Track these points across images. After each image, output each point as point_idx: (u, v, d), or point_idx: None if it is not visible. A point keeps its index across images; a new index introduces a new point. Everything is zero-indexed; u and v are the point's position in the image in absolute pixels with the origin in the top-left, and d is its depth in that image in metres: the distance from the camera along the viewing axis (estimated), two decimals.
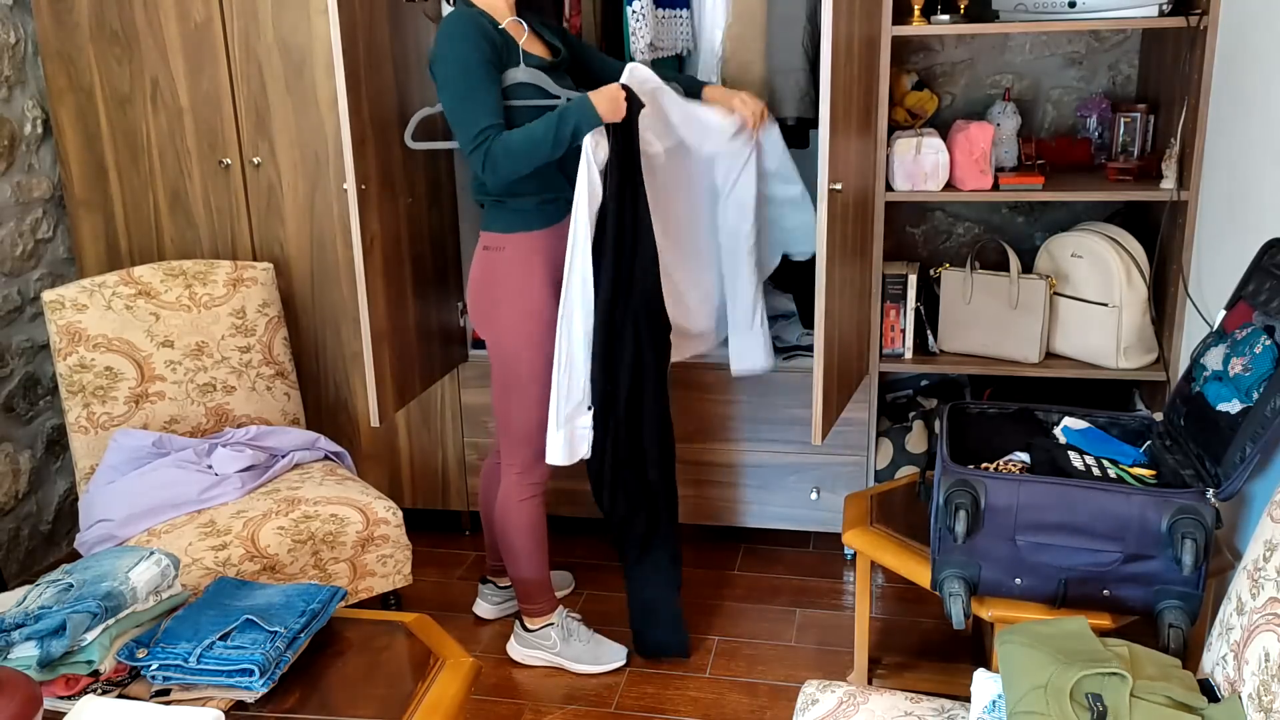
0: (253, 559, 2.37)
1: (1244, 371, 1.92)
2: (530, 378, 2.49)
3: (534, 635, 2.68)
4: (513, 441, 2.56)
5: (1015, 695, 1.53)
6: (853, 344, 2.73)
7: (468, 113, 2.28)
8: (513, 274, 2.45)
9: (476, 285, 2.51)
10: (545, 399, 2.48)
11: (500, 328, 2.48)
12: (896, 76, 3.06)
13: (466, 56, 2.27)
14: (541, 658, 2.69)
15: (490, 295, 2.48)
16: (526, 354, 2.48)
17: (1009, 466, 2.07)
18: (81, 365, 2.69)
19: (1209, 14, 2.52)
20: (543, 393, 2.48)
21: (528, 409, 2.51)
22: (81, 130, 3.09)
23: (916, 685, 2.46)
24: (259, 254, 3.10)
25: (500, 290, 2.46)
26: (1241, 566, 1.61)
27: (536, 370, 2.48)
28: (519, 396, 2.51)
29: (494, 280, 2.46)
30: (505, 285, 2.46)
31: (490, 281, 2.47)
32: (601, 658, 2.67)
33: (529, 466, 2.56)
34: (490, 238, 2.46)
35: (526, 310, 2.46)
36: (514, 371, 2.50)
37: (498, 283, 2.46)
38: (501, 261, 2.45)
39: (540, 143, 2.29)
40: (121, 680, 1.81)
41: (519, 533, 2.59)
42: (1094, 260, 2.77)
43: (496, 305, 2.47)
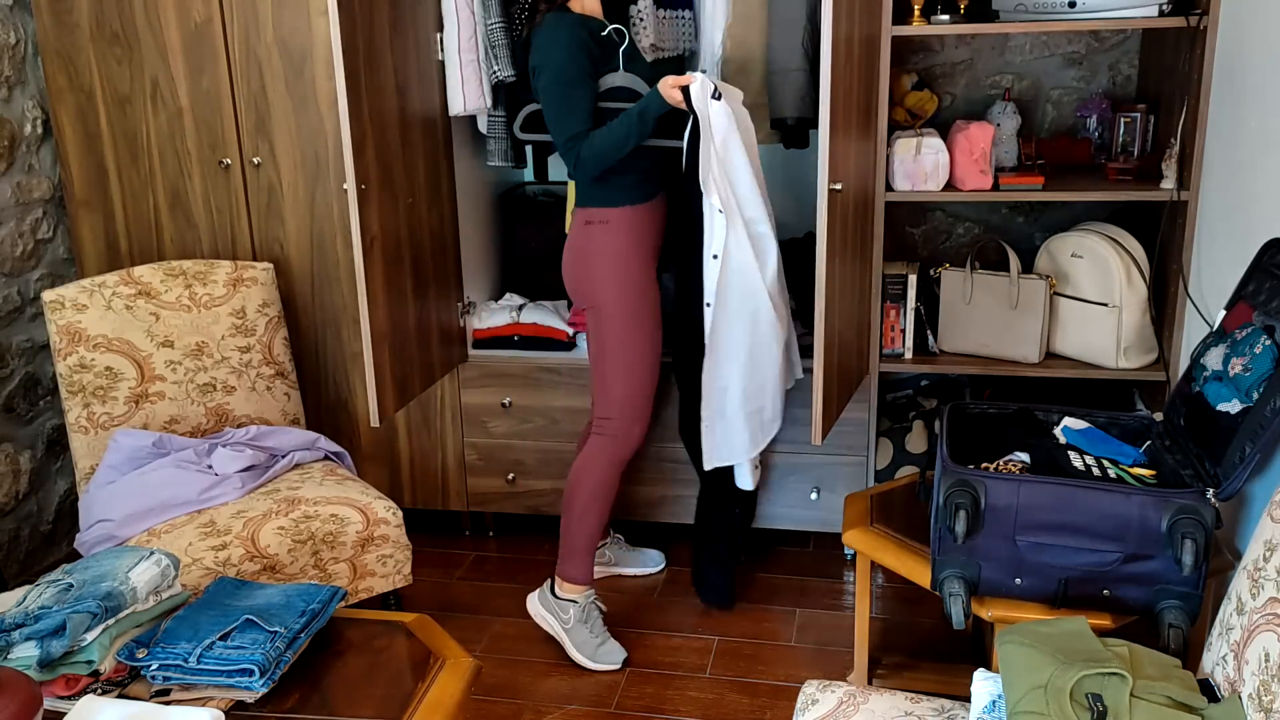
0: (253, 559, 2.37)
1: (1244, 371, 1.92)
2: (627, 344, 2.61)
3: (557, 601, 2.71)
4: (610, 403, 2.65)
5: (1015, 695, 1.53)
6: (853, 344, 2.73)
7: (560, 121, 2.48)
8: (617, 246, 2.58)
9: (579, 255, 2.61)
10: (638, 369, 2.63)
11: (603, 295, 2.59)
12: (896, 76, 3.05)
13: (563, 68, 2.45)
14: (550, 625, 2.72)
15: (593, 264, 2.59)
16: (623, 322, 2.59)
17: (1009, 466, 2.07)
18: (81, 365, 2.69)
19: (1209, 14, 2.52)
20: (637, 361, 2.62)
21: (623, 377, 2.63)
22: (81, 130, 3.09)
23: (916, 685, 2.46)
24: (259, 254, 3.10)
25: (604, 259, 2.58)
26: (1241, 566, 1.61)
27: (633, 338, 2.61)
28: (615, 363, 2.62)
29: (598, 250, 2.58)
30: (609, 255, 2.58)
31: (594, 250, 2.59)
32: (601, 656, 2.68)
33: (626, 430, 2.65)
34: (592, 212, 2.58)
35: (626, 280, 2.59)
36: (613, 337, 2.61)
37: (602, 252, 2.58)
38: (606, 233, 2.58)
39: (623, 139, 2.47)
40: (121, 680, 1.81)
41: (591, 492, 2.65)
42: (1094, 260, 2.77)
43: (600, 273, 2.59)
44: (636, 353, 2.62)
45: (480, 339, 3.16)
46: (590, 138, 2.47)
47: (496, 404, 3.18)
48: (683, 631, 2.84)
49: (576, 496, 2.67)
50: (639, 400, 2.66)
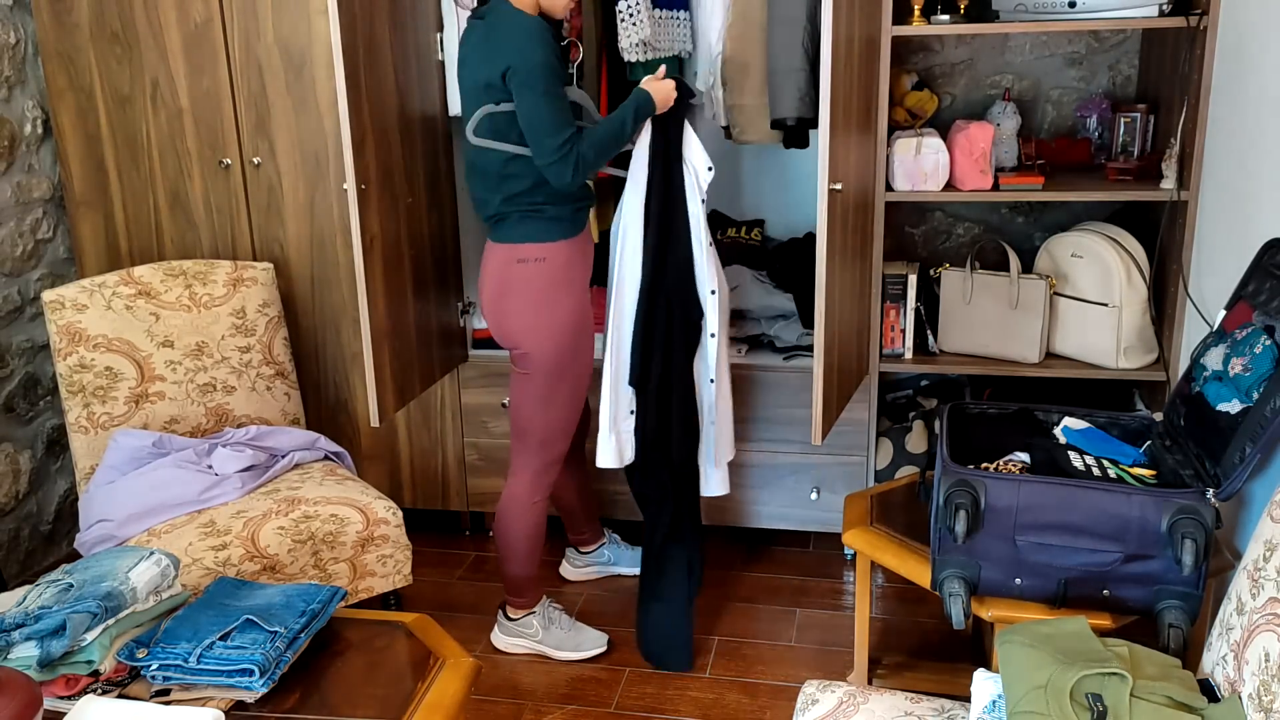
0: (253, 559, 2.37)
1: (1244, 371, 1.92)
2: (569, 381, 2.54)
3: (516, 624, 2.73)
4: (535, 446, 2.59)
5: (1015, 695, 1.53)
6: (853, 344, 2.73)
7: (553, 118, 2.30)
8: (556, 283, 2.47)
9: (515, 298, 2.47)
10: (576, 404, 2.58)
11: (542, 338, 2.47)
12: (896, 76, 3.05)
13: (549, 62, 2.30)
14: (524, 645, 2.73)
15: (532, 306, 2.46)
16: (568, 359, 2.52)
17: (1009, 466, 2.07)
18: (81, 365, 2.69)
19: (1209, 14, 2.52)
20: (573, 397, 2.56)
21: (560, 413, 2.56)
22: (81, 130, 3.09)
23: (916, 685, 2.46)
24: (259, 254, 3.10)
25: (543, 300, 2.47)
26: (1241, 566, 1.61)
27: (575, 375, 2.55)
28: (554, 402, 2.54)
29: (535, 291, 2.46)
30: (549, 295, 2.47)
31: (530, 292, 2.46)
32: (583, 644, 2.71)
33: (545, 470, 2.61)
34: (527, 249, 2.44)
35: (569, 318, 2.49)
36: (555, 377, 2.51)
37: (540, 293, 2.46)
38: (543, 272, 2.45)
39: (617, 137, 2.39)
40: (121, 680, 1.81)
41: (524, 535, 2.63)
42: (1094, 260, 2.77)
43: (539, 316, 2.47)
44: (566, 394, 2.55)
45: (480, 339, 3.16)
46: (584, 138, 2.35)
47: (496, 404, 3.18)
48: None
49: (513, 541, 2.63)
50: (563, 439, 2.61)
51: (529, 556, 2.65)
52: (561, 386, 2.54)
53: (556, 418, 2.57)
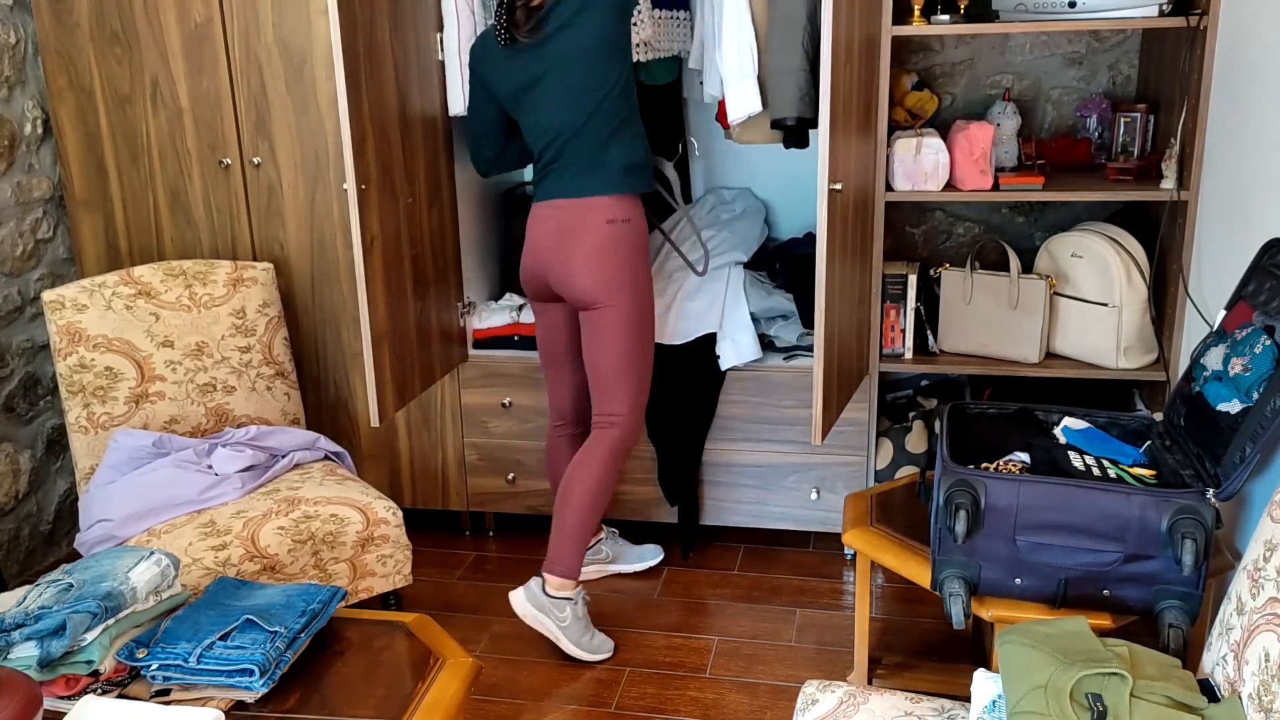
0: (253, 559, 2.37)
1: (1244, 371, 1.92)
2: (645, 342, 2.66)
3: (551, 602, 2.65)
4: (637, 385, 2.67)
5: (1015, 695, 1.53)
6: (853, 344, 2.73)
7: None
8: (641, 239, 2.62)
9: (606, 256, 2.57)
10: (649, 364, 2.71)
11: (633, 291, 2.60)
12: (896, 76, 3.06)
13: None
14: (543, 624, 2.65)
15: (623, 262, 2.58)
16: (643, 320, 2.64)
17: (1009, 466, 2.07)
18: (81, 365, 2.69)
19: (1209, 14, 2.52)
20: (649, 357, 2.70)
21: (638, 374, 2.67)
22: (81, 130, 3.09)
23: (916, 685, 2.46)
24: (259, 254, 3.10)
25: (633, 257, 2.60)
26: (1241, 566, 1.61)
27: (648, 335, 2.68)
28: (633, 361, 2.64)
29: (630, 250, 2.59)
30: (638, 250, 2.61)
31: (623, 248, 2.58)
32: (595, 648, 2.70)
33: (634, 426, 2.69)
34: (620, 207, 2.58)
35: (648, 274, 2.66)
36: (633, 336, 2.63)
37: (631, 249, 2.60)
38: (631, 232, 2.59)
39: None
40: (121, 680, 1.81)
41: (599, 488, 2.65)
42: (1094, 260, 2.77)
43: (632, 270, 2.60)
44: (649, 349, 2.68)
45: (480, 339, 3.16)
46: None
47: (496, 404, 3.18)
48: (682, 631, 2.84)
49: (582, 492, 2.64)
50: (646, 394, 2.71)
51: (595, 515, 2.66)
52: (642, 334, 2.65)
53: (645, 363, 2.67)
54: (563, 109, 2.54)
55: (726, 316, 3.00)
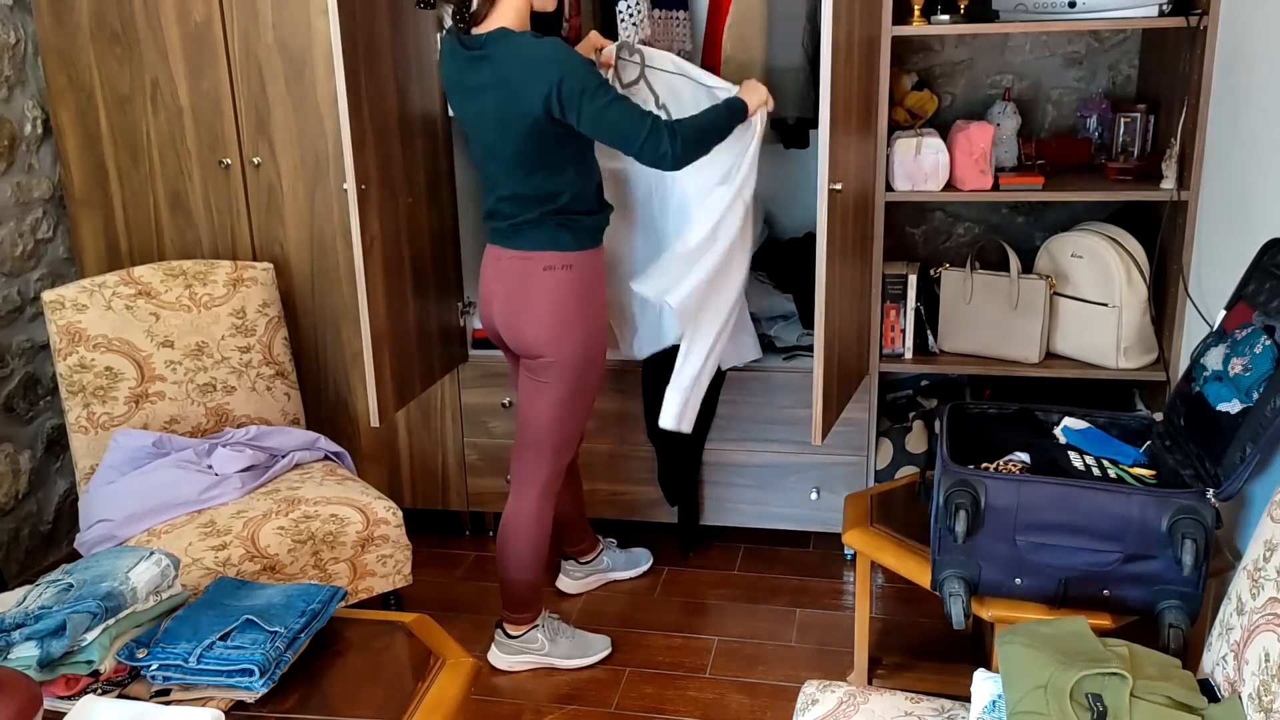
0: (253, 559, 2.37)
1: (1244, 371, 1.92)
2: (588, 390, 2.53)
3: (519, 641, 2.67)
4: (550, 455, 2.54)
5: (1015, 695, 1.53)
6: (853, 344, 2.73)
7: (626, 107, 2.24)
8: (587, 291, 2.46)
9: (540, 306, 2.42)
10: (589, 411, 2.59)
11: (574, 344, 2.45)
12: (896, 76, 3.06)
13: (590, 64, 2.27)
14: (529, 661, 2.68)
15: (559, 315, 2.43)
16: (591, 368, 2.50)
17: (1009, 466, 2.07)
18: (81, 365, 2.69)
19: (1209, 14, 2.52)
20: (589, 404, 2.57)
21: (578, 421, 2.56)
22: (81, 130, 3.09)
23: (916, 685, 2.46)
24: (259, 254, 3.10)
25: (576, 308, 2.44)
26: (1241, 566, 1.61)
27: (593, 383, 2.54)
28: (574, 409, 2.52)
29: (569, 299, 2.43)
30: (581, 302, 2.45)
31: (564, 300, 2.43)
32: (590, 650, 2.70)
33: (555, 478, 2.59)
34: (557, 257, 2.40)
35: (597, 326, 2.49)
36: (577, 387, 2.49)
37: (573, 301, 2.44)
38: (574, 280, 2.43)
39: (716, 127, 2.37)
40: (121, 680, 1.81)
41: (535, 544, 2.59)
42: (1094, 260, 2.77)
43: (572, 323, 2.44)
44: (584, 403, 2.54)
45: (480, 339, 3.16)
46: (681, 122, 2.30)
47: (496, 404, 3.18)
48: (683, 631, 2.84)
49: (524, 549, 2.58)
50: (574, 446, 2.62)
51: (536, 569, 2.61)
52: (580, 396, 2.51)
53: (574, 426, 2.55)
54: (498, 169, 2.39)
55: None
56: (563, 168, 2.36)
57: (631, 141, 2.25)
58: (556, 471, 2.58)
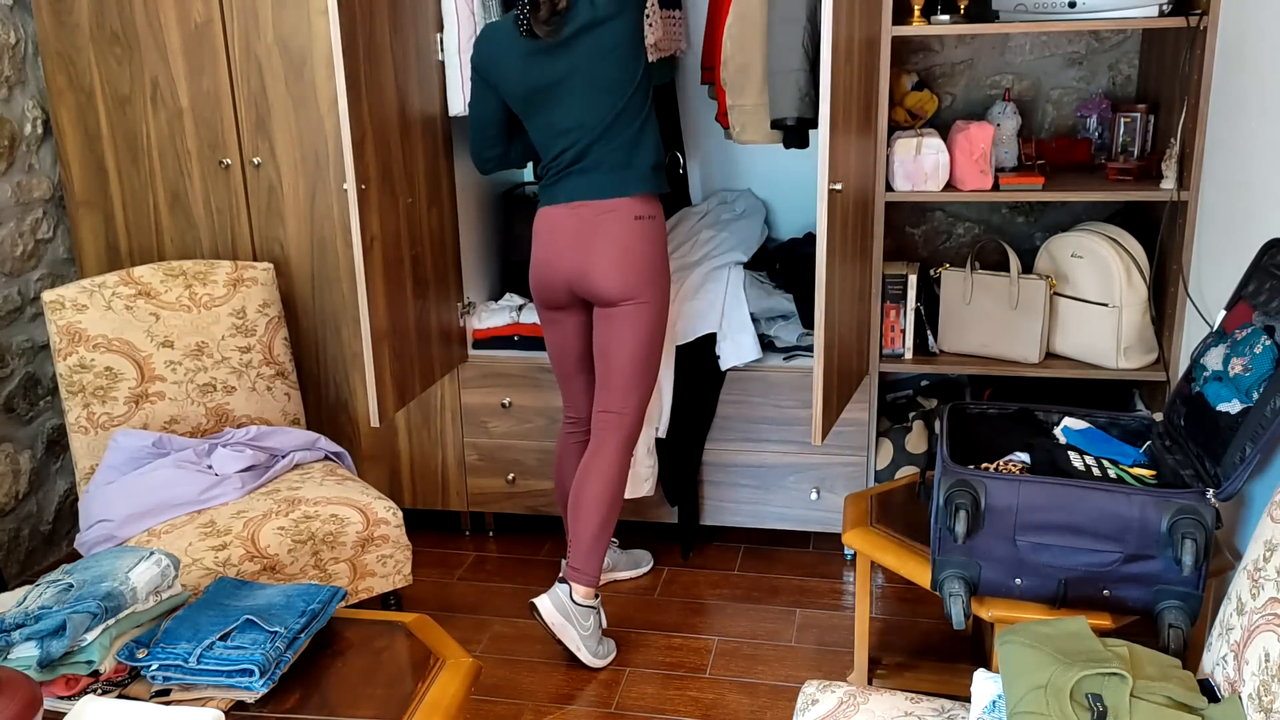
0: (253, 559, 2.37)
1: (1244, 372, 1.92)
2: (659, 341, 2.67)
3: (579, 610, 2.62)
4: (646, 391, 2.67)
5: (1015, 695, 1.53)
6: (853, 344, 2.73)
7: None
8: (664, 239, 2.63)
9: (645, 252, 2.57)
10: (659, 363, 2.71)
11: (664, 286, 2.62)
12: (896, 76, 3.06)
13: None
14: (568, 633, 2.61)
15: (656, 257, 2.59)
16: (663, 319, 2.66)
17: (1009, 466, 2.07)
18: (81, 365, 2.69)
19: (1209, 14, 2.52)
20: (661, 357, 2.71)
21: (649, 372, 2.67)
22: (81, 130, 3.09)
23: (916, 685, 2.46)
24: (259, 254, 3.10)
25: (663, 252, 2.62)
26: (1241, 566, 1.61)
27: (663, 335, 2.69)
28: (649, 359, 2.65)
29: (657, 246, 2.60)
30: (664, 247, 2.62)
31: (657, 246, 2.60)
32: (605, 653, 2.70)
33: (637, 424, 2.69)
34: (646, 205, 2.57)
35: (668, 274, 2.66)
36: (653, 334, 2.63)
37: (662, 244, 2.61)
38: (659, 227, 2.61)
39: None
40: (121, 680, 1.81)
41: (617, 491, 2.65)
42: (1094, 260, 2.77)
43: (660, 266, 2.61)
44: (661, 348, 2.68)
45: (480, 339, 3.16)
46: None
47: (496, 404, 3.18)
48: (683, 631, 2.84)
49: (598, 496, 2.61)
50: (650, 395, 2.71)
51: (614, 522, 2.66)
52: (663, 331, 2.67)
53: (655, 371, 2.69)
54: (588, 109, 2.50)
55: (726, 317, 3.00)
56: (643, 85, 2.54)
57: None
58: (639, 419, 2.68)
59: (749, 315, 3.00)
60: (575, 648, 2.63)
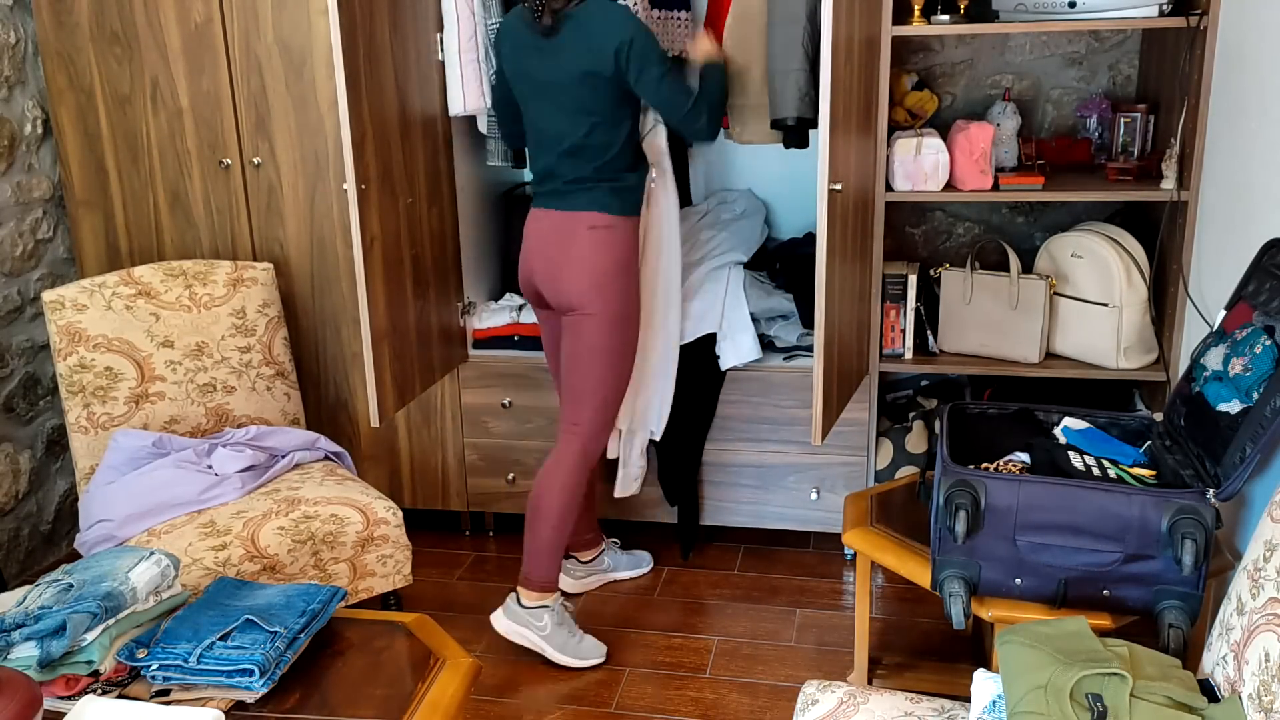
0: (253, 559, 2.37)
1: (1244, 371, 1.92)
2: (628, 341, 2.64)
3: (528, 613, 2.66)
4: (597, 404, 2.64)
5: (1015, 695, 1.53)
6: (853, 344, 2.73)
7: (679, 79, 2.52)
8: (625, 253, 2.61)
9: (592, 261, 2.56)
10: (621, 376, 2.68)
11: (612, 297, 2.58)
12: (896, 76, 3.05)
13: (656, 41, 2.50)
14: (526, 637, 2.66)
15: (606, 268, 2.57)
16: (632, 327, 2.64)
17: (1009, 466, 2.07)
18: (81, 365, 2.69)
19: (1209, 14, 2.52)
20: (628, 359, 2.67)
21: (620, 369, 2.65)
22: (81, 130, 3.09)
23: (916, 685, 2.46)
24: (259, 254, 3.10)
25: (615, 264, 2.59)
26: (1241, 566, 1.61)
27: (630, 339, 2.65)
28: (615, 356, 2.62)
29: (610, 254, 2.58)
30: (619, 261, 2.59)
31: (605, 256, 2.57)
32: (583, 654, 2.69)
33: (600, 433, 2.67)
34: (599, 218, 2.56)
35: (634, 288, 2.63)
36: (621, 340, 2.62)
37: (612, 257, 2.58)
38: (615, 239, 2.58)
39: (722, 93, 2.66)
40: (121, 680, 1.81)
41: (567, 505, 2.63)
42: (1094, 260, 2.77)
43: (611, 277, 2.58)
44: (622, 360, 2.64)
45: (480, 339, 3.16)
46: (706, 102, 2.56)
47: (496, 404, 3.18)
48: (683, 631, 2.84)
49: (551, 503, 2.62)
50: (615, 405, 2.67)
51: (563, 532, 2.64)
52: (621, 352, 2.63)
53: (616, 385, 2.65)
54: (565, 122, 2.54)
55: (726, 317, 3.00)
56: (619, 122, 2.55)
57: (677, 110, 2.52)
58: (597, 430, 2.65)
59: (749, 315, 3.00)
60: (539, 649, 2.66)
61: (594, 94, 2.50)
